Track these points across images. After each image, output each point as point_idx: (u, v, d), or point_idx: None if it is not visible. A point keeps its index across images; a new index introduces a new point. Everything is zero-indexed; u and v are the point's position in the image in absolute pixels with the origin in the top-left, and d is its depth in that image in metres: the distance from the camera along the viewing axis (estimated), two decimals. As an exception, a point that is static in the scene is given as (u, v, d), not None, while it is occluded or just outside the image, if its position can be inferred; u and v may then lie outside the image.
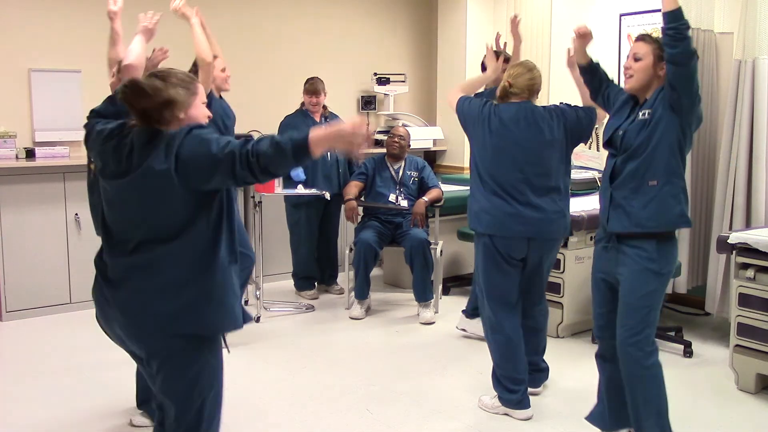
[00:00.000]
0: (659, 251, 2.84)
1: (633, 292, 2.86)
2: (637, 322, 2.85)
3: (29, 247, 5.00)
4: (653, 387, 2.90)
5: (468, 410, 3.59)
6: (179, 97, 2.18)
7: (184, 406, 2.24)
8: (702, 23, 4.65)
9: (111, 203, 2.25)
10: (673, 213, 2.85)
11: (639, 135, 2.86)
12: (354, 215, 5.19)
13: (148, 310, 2.17)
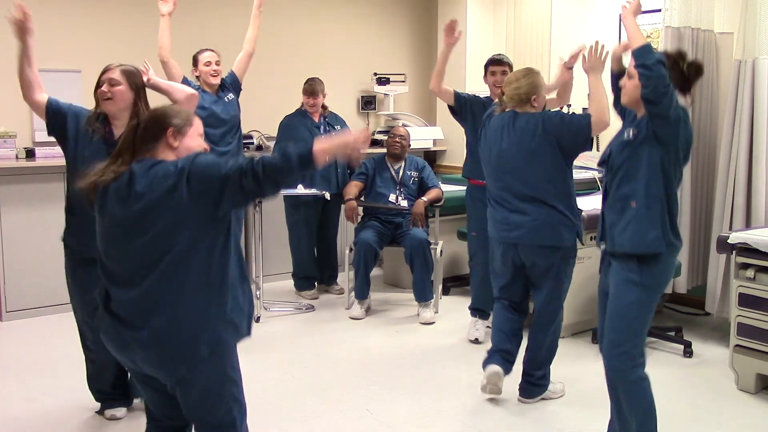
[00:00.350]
0: (640, 266, 2.79)
1: (615, 303, 2.84)
2: (619, 334, 2.82)
3: (29, 247, 5.00)
4: (637, 400, 2.83)
5: (468, 410, 3.59)
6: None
7: (219, 419, 2.33)
8: (702, 23, 4.65)
9: (113, 236, 2.26)
10: (647, 237, 2.76)
11: (621, 155, 2.83)
12: (354, 215, 5.19)
13: (173, 343, 2.20)
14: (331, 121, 5.57)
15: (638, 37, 2.70)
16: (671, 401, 3.69)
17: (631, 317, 2.80)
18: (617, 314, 2.83)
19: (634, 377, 2.81)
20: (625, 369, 2.81)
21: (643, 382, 2.82)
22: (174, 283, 2.18)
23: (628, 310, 2.80)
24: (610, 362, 2.87)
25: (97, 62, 5.42)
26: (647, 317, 2.83)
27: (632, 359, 2.80)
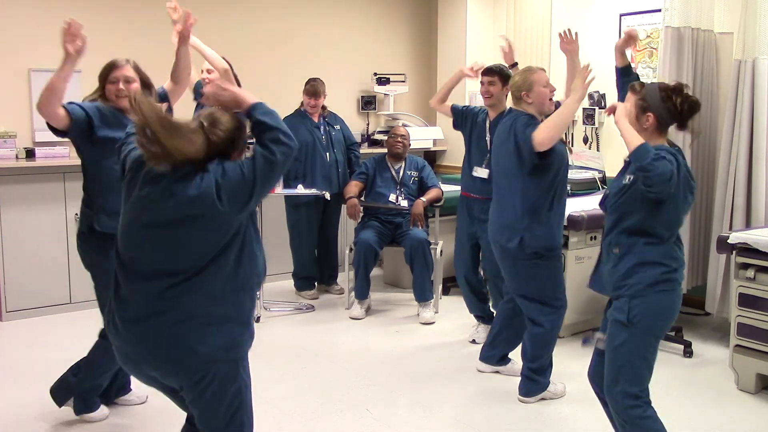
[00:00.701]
0: (630, 302, 2.70)
1: (608, 344, 2.78)
2: (611, 375, 2.75)
3: (29, 247, 5.00)
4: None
5: (468, 410, 3.59)
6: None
7: (230, 419, 2.31)
8: (702, 23, 4.65)
9: (136, 235, 2.21)
10: (629, 282, 2.70)
11: (615, 198, 2.77)
12: (356, 212, 5.18)
13: (190, 344, 2.18)
14: (331, 121, 5.57)
15: (633, 139, 2.60)
16: (671, 401, 3.69)
17: (622, 361, 2.71)
18: (609, 356, 2.76)
19: (634, 415, 2.72)
20: (621, 408, 2.74)
21: (644, 420, 2.72)
22: (196, 283, 2.16)
23: (617, 353, 2.72)
24: (608, 396, 2.79)
25: (97, 62, 5.44)
26: (641, 360, 2.71)
27: (629, 399, 2.71)
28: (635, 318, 2.67)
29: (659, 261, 2.69)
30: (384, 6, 6.84)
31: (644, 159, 2.54)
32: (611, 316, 2.77)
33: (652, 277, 2.67)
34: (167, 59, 3.98)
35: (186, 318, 2.16)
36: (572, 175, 5.50)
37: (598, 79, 5.72)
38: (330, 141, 5.49)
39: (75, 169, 5.08)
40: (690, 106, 2.73)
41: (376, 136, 6.61)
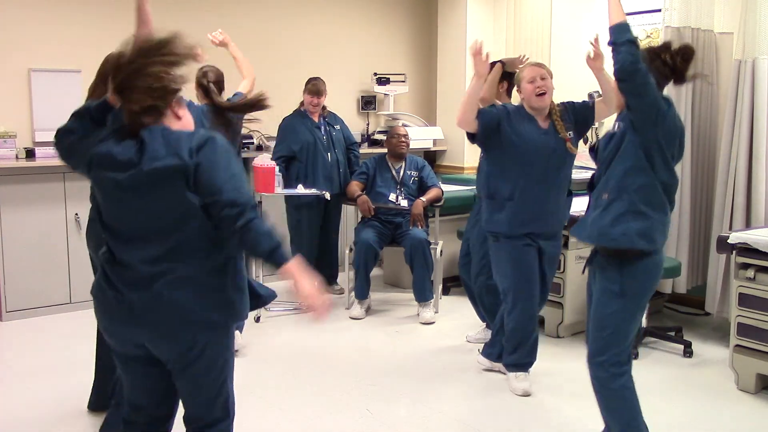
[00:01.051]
0: (621, 271, 2.73)
1: (596, 312, 2.81)
2: (600, 343, 2.79)
3: (29, 247, 5.00)
4: (619, 409, 2.81)
5: (468, 410, 3.59)
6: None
7: (218, 391, 2.34)
8: (702, 23, 4.65)
9: (119, 199, 2.17)
10: (614, 231, 2.70)
11: (606, 148, 2.81)
12: (369, 208, 5.13)
13: (190, 306, 2.15)
14: (331, 121, 5.57)
15: (616, 13, 2.65)
16: (671, 401, 3.69)
17: (612, 327, 2.75)
18: (598, 324, 2.79)
19: (617, 386, 2.78)
20: (607, 377, 2.78)
21: (626, 390, 2.78)
22: (193, 244, 2.13)
23: (609, 320, 2.76)
24: (592, 371, 2.84)
25: (97, 62, 5.44)
26: (629, 325, 2.77)
27: (615, 367, 2.77)
28: (627, 287, 2.71)
29: (646, 212, 2.70)
30: (384, 6, 6.84)
31: (619, 37, 2.59)
32: (601, 283, 2.78)
33: (634, 230, 2.68)
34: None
35: (183, 281, 2.14)
36: (573, 174, 5.50)
37: (598, 79, 5.77)
38: (331, 141, 5.48)
39: (75, 169, 5.10)
40: (683, 57, 2.73)
41: (376, 136, 6.61)
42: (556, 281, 4.49)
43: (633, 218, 2.70)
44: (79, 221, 5.15)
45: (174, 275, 2.14)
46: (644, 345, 4.44)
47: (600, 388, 2.83)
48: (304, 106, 5.50)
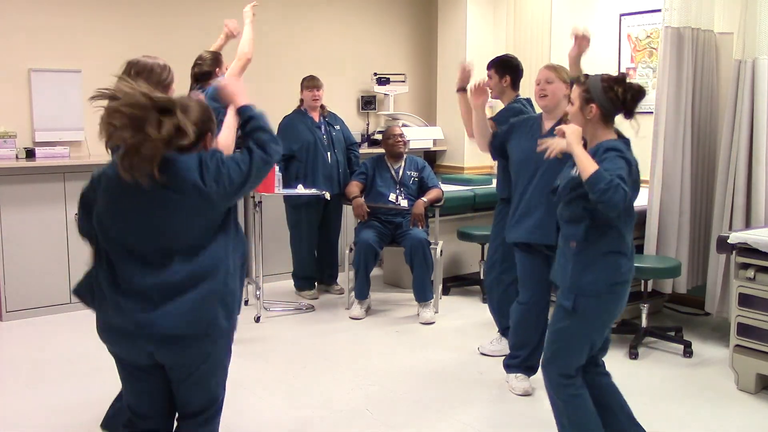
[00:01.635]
0: (577, 299, 2.74)
1: (551, 323, 2.89)
2: (548, 353, 2.86)
3: (29, 247, 5.00)
4: (571, 415, 2.83)
5: (468, 411, 3.59)
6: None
7: (216, 393, 2.39)
8: (702, 23, 4.65)
9: (126, 218, 2.21)
10: (582, 280, 2.74)
11: (567, 194, 2.78)
12: (363, 211, 5.15)
13: (203, 317, 2.21)
14: (331, 121, 5.56)
15: (587, 166, 2.60)
16: (671, 401, 3.69)
17: (559, 343, 2.81)
18: (550, 335, 2.86)
19: (566, 395, 2.82)
20: (556, 385, 2.84)
21: (576, 398, 2.81)
22: (201, 261, 2.20)
23: (558, 335, 2.82)
24: (543, 374, 2.90)
25: (97, 62, 5.46)
26: (578, 344, 2.79)
27: (562, 378, 2.81)
28: (580, 308, 2.73)
29: (613, 258, 2.73)
30: (384, 6, 6.84)
31: (598, 187, 2.55)
32: (559, 297, 2.82)
33: (606, 279, 2.71)
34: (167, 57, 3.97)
35: (199, 293, 2.20)
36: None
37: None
38: (331, 141, 5.48)
39: (75, 169, 5.11)
40: (633, 95, 2.74)
41: (376, 136, 6.61)
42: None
43: (601, 269, 2.72)
44: (79, 221, 5.15)
45: (195, 287, 2.20)
46: (644, 345, 4.44)
47: (550, 391, 2.89)
48: (303, 105, 5.49)
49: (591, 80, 2.77)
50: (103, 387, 3.82)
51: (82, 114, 5.31)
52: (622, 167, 2.63)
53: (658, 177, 4.60)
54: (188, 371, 2.28)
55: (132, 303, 2.18)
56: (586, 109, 2.76)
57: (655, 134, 4.60)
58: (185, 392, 2.35)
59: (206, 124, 2.28)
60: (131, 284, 2.19)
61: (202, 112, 2.27)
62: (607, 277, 2.72)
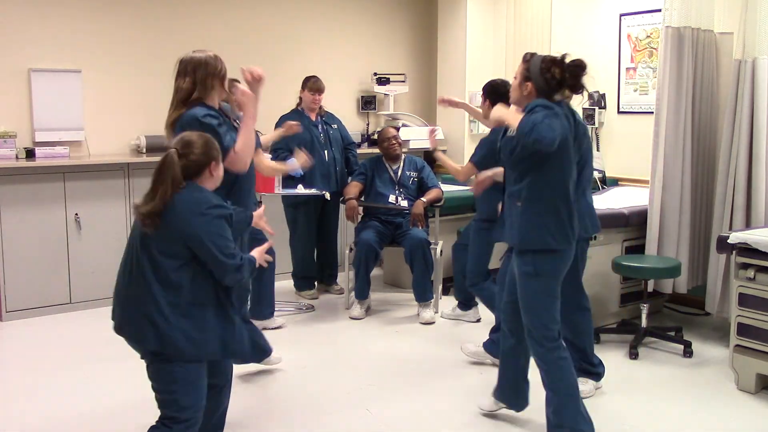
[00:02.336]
0: (534, 258, 3.01)
1: (520, 295, 3.09)
2: (529, 322, 3.07)
3: (29, 247, 5.00)
4: (557, 379, 3.04)
5: (468, 411, 3.59)
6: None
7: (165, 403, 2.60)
8: (702, 23, 4.65)
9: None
10: (529, 235, 3.01)
11: (509, 156, 3.00)
12: (354, 214, 5.19)
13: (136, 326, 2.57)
14: (328, 120, 5.55)
15: (513, 120, 2.91)
16: (671, 401, 3.69)
17: (534, 306, 3.04)
18: (523, 305, 3.08)
19: (551, 358, 3.03)
20: (544, 351, 3.04)
21: (561, 361, 3.03)
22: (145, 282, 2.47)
23: (530, 300, 3.05)
24: (530, 346, 3.12)
25: (97, 62, 5.46)
26: (550, 304, 3.03)
27: (547, 341, 3.03)
28: (540, 269, 2.99)
29: (554, 214, 2.97)
30: (384, 6, 6.84)
31: (525, 130, 2.80)
32: (519, 267, 3.05)
33: (552, 233, 2.97)
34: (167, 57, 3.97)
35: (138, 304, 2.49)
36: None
37: (598, 79, 5.79)
38: (328, 139, 5.47)
39: (75, 169, 5.11)
40: (572, 73, 2.95)
41: (375, 136, 6.60)
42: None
43: (544, 224, 2.98)
44: (79, 221, 5.15)
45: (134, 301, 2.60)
46: (644, 345, 4.44)
47: (539, 361, 3.09)
48: (301, 105, 5.47)
49: (533, 60, 3.00)
50: (103, 387, 3.83)
51: (82, 114, 5.31)
52: (545, 115, 2.83)
53: (658, 177, 4.60)
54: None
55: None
56: (524, 86, 3.02)
57: (655, 134, 4.60)
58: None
59: (208, 156, 2.54)
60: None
61: (203, 148, 2.53)
62: (554, 231, 2.97)
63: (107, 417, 3.49)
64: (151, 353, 2.49)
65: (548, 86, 2.95)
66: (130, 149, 5.58)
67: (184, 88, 3.14)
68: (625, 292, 4.84)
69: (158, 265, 2.43)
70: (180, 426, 2.50)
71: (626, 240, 4.78)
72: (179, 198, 2.44)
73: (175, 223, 2.42)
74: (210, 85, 3.14)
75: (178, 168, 2.45)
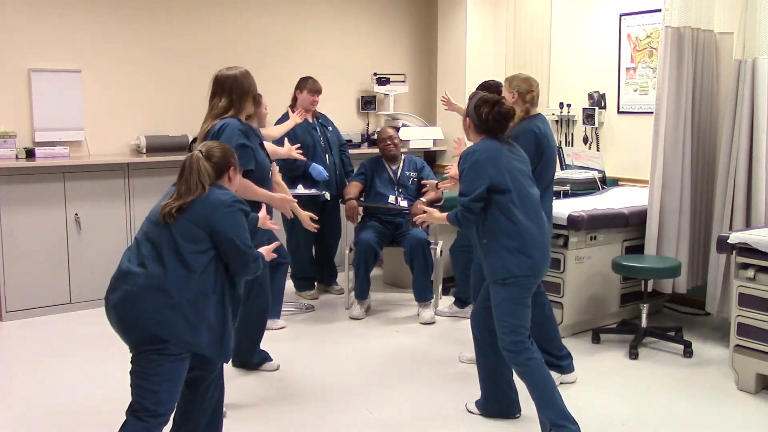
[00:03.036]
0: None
1: (492, 303, 3.21)
2: (499, 329, 3.18)
3: (29, 247, 5.00)
4: (531, 379, 3.13)
5: (468, 410, 3.58)
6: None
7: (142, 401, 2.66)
8: (702, 23, 4.65)
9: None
10: (495, 266, 3.15)
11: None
12: (355, 214, 5.19)
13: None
14: (324, 123, 5.53)
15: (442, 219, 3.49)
16: (671, 401, 3.69)
17: (502, 314, 3.15)
18: (494, 313, 3.19)
19: (521, 360, 3.14)
20: (511, 356, 3.16)
21: (530, 361, 3.13)
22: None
23: (498, 309, 3.16)
24: (504, 353, 3.22)
25: (97, 62, 5.46)
26: (518, 311, 3.14)
27: (515, 345, 3.13)
28: (511, 282, 3.12)
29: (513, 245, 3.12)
30: (384, 6, 6.84)
31: (454, 224, 3.31)
32: (489, 279, 3.21)
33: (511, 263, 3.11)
34: (167, 57, 4.00)
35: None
36: (572, 175, 5.52)
37: (598, 80, 5.79)
38: (327, 143, 5.44)
39: (75, 169, 5.11)
40: (494, 117, 3.18)
41: (375, 136, 6.60)
42: (555, 281, 4.50)
43: (507, 253, 3.13)
44: (79, 221, 5.15)
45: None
46: (644, 345, 4.44)
47: (514, 366, 3.21)
48: (296, 106, 5.36)
49: (474, 97, 3.24)
50: (103, 387, 3.83)
51: (82, 114, 5.31)
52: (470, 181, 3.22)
53: (658, 177, 4.60)
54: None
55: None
56: (465, 121, 3.29)
57: (655, 134, 4.60)
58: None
59: (227, 161, 2.76)
60: None
61: (223, 153, 2.75)
62: (517, 261, 3.11)
63: (107, 417, 3.49)
64: (142, 341, 2.53)
65: (481, 123, 3.20)
66: (130, 149, 5.58)
67: (220, 106, 3.48)
68: (625, 292, 4.84)
69: (177, 248, 2.55)
70: (155, 421, 2.55)
71: (626, 240, 4.78)
72: (211, 191, 2.64)
73: (204, 212, 2.58)
74: (244, 105, 3.53)
75: (207, 165, 2.67)
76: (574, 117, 5.93)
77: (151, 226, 2.62)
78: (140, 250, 2.59)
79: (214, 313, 2.59)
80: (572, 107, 5.92)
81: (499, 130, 3.22)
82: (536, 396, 3.13)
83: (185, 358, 2.58)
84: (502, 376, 3.42)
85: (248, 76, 3.54)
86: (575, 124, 5.95)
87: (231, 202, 2.64)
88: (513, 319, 3.13)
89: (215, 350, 2.63)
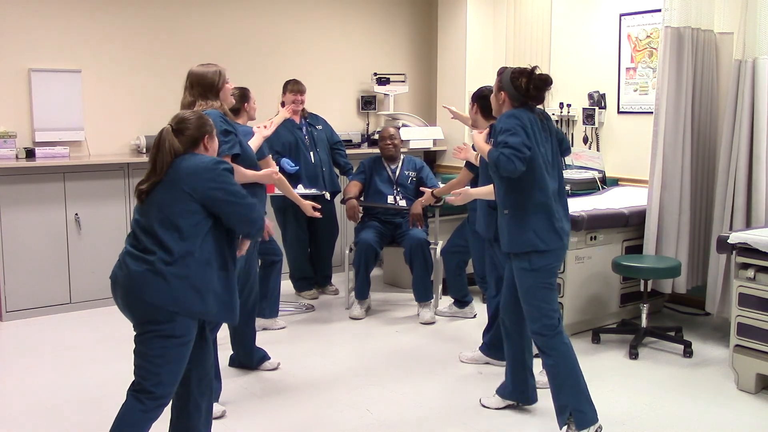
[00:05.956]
0: (529, 255, 3.17)
1: (519, 291, 3.25)
2: (529, 316, 3.24)
3: (29, 247, 5.00)
4: (561, 363, 3.17)
5: (468, 411, 3.59)
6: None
7: (143, 380, 2.67)
8: (702, 23, 4.65)
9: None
10: (519, 240, 3.17)
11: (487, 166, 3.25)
12: (355, 213, 5.18)
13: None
14: (312, 121, 5.53)
15: (484, 150, 3.23)
16: (671, 401, 3.70)
17: (533, 299, 3.19)
18: (523, 300, 3.24)
19: (552, 344, 3.18)
20: (544, 340, 3.19)
21: (562, 346, 3.18)
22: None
23: (528, 295, 3.21)
24: (534, 340, 3.29)
25: (97, 62, 5.46)
26: (547, 296, 3.19)
27: (547, 329, 3.18)
28: (535, 264, 3.15)
29: (538, 218, 3.13)
30: (384, 6, 6.84)
31: (492, 162, 3.05)
32: (515, 264, 3.22)
33: (535, 236, 3.13)
34: (167, 57, 4.00)
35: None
36: (572, 175, 5.51)
37: (598, 79, 5.79)
38: (313, 140, 5.45)
39: (75, 169, 5.11)
40: (536, 85, 3.16)
41: (375, 136, 6.60)
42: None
43: (532, 228, 3.14)
44: (79, 221, 5.15)
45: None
46: (644, 345, 4.44)
47: (543, 348, 3.22)
48: (284, 108, 5.37)
49: (505, 72, 3.23)
50: (102, 387, 3.83)
51: (82, 114, 5.31)
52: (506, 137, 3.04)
53: (658, 177, 4.60)
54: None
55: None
56: (499, 96, 3.26)
57: (655, 134, 4.60)
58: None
59: (201, 130, 2.69)
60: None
61: (197, 122, 2.70)
62: (540, 233, 3.13)
63: (107, 417, 3.49)
64: (147, 320, 2.53)
65: (519, 94, 3.18)
66: (130, 149, 5.58)
67: (183, 102, 3.44)
68: (625, 292, 4.84)
69: (174, 225, 2.53)
70: (153, 403, 2.56)
71: (626, 240, 4.78)
72: (182, 164, 2.58)
73: (186, 182, 2.55)
74: (209, 100, 3.42)
75: (174, 139, 2.61)
76: (574, 117, 5.93)
77: (143, 208, 2.62)
78: (136, 233, 2.60)
79: (218, 280, 2.60)
80: (572, 107, 5.92)
81: (540, 98, 3.21)
82: (561, 381, 3.16)
83: (189, 342, 2.58)
84: (525, 364, 3.50)
85: (215, 74, 3.42)
86: (575, 124, 5.95)
87: (212, 166, 2.59)
88: (543, 303, 3.18)
89: (224, 316, 2.65)
